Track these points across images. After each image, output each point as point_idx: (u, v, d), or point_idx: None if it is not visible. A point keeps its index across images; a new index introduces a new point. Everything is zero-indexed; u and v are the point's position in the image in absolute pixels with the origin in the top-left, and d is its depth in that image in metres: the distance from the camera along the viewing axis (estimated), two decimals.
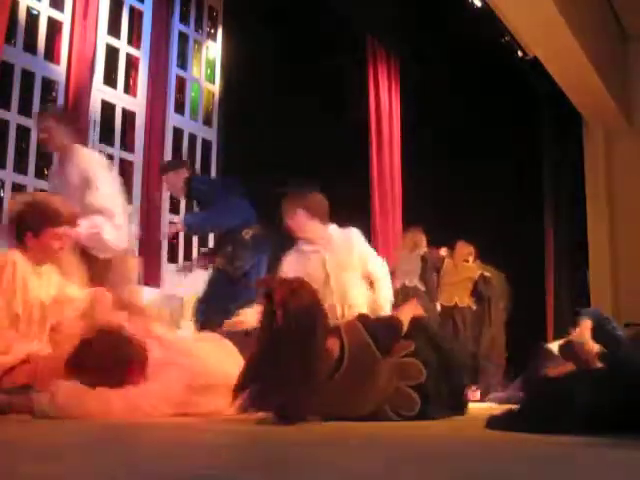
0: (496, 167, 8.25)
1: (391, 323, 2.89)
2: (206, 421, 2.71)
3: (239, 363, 2.86)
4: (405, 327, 2.79)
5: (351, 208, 8.07)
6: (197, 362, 2.91)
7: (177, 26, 6.21)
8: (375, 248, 6.99)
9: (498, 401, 4.30)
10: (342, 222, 4.31)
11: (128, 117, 5.75)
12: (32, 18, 5.13)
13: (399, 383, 2.64)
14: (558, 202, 8.16)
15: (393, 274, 5.91)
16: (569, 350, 3.44)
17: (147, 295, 4.74)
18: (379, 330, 2.70)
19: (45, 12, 5.18)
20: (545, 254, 8.19)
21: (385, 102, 7.38)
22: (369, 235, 7.15)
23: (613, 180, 7.82)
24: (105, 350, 2.73)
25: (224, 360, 3.02)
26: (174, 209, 6.04)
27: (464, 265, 6.48)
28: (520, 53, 6.53)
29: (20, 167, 4.92)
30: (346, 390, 2.56)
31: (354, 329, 2.67)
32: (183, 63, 6.31)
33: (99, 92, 5.48)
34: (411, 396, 2.63)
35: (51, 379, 2.71)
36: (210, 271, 4.51)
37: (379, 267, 3.96)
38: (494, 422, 2.30)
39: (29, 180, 4.96)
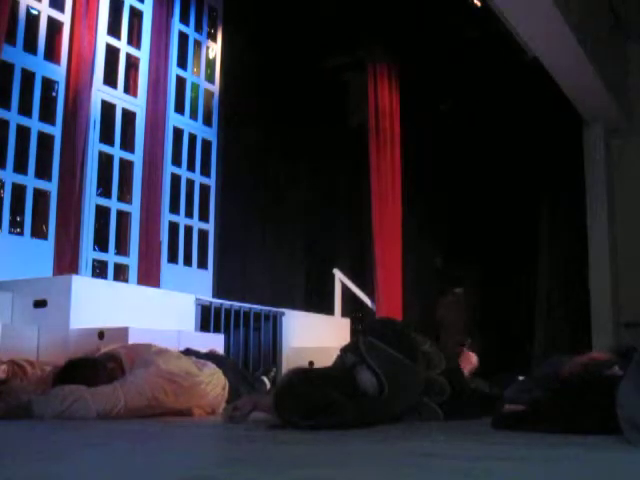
0: (495, 167, 8.26)
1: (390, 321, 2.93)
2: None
3: (213, 373, 3.15)
4: None
5: (351, 207, 8.11)
6: (171, 363, 2.99)
7: (177, 26, 6.20)
8: (375, 247, 7.07)
9: None
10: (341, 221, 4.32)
11: (128, 117, 5.74)
12: (32, 18, 5.12)
13: (424, 398, 2.68)
14: (557, 202, 8.16)
15: None
16: None
17: (147, 295, 4.73)
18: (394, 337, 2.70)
19: (45, 12, 5.17)
20: (544, 254, 8.19)
21: (385, 103, 7.37)
22: (370, 234, 7.17)
23: (613, 180, 7.82)
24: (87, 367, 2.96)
25: (201, 367, 3.12)
26: (174, 209, 6.03)
27: None
28: (520, 53, 6.51)
29: (20, 167, 4.91)
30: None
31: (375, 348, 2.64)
32: (183, 63, 6.29)
33: (99, 92, 5.48)
34: (436, 411, 2.68)
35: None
36: None
37: None
38: (499, 422, 2.30)
39: (29, 180, 4.95)
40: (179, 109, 6.18)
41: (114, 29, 5.68)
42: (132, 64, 5.85)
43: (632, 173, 7.70)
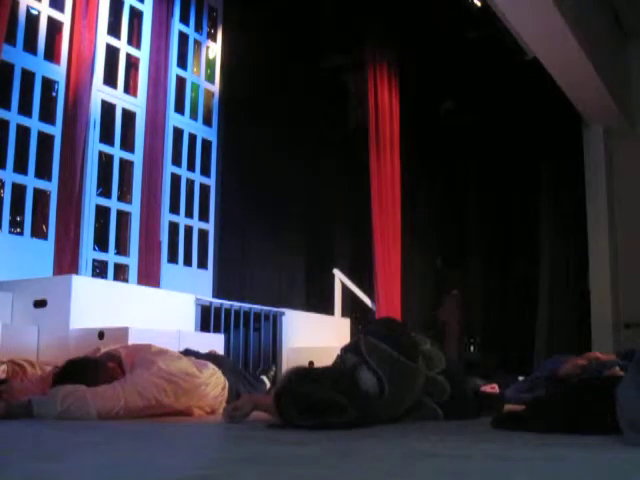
0: (495, 167, 8.26)
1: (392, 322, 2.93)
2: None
3: (213, 374, 3.14)
4: None
5: (351, 207, 8.11)
6: (171, 364, 2.98)
7: (177, 26, 6.20)
8: (375, 247, 7.07)
9: None
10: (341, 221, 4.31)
11: (128, 117, 5.74)
12: (32, 18, 5.12)
13: (424, 397, 2.69)
14: (558, 202, 8.16)
15: None
16: None
17: (147, 295, 4.73)
18: (394, 338, 2.70)
19: (45, 12, 5.17)
20: (544, 255, 8.19)
21: (385, 103, 7.36)
22: (370, 234, 7.17)
23: (613, 180, 7.82)
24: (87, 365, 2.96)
25: (201, 367, 3.13)
26: (174, 209, 6.03)
27: None
28: (520, 53, 6.52)
29: (20, 167, 4.90)
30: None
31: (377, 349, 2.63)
32: (183, 63, 6.29)
33: (99, 92, 5.47)
34: (436, 411, 2.69)
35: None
36: None
37: None
38: (499, 422, 2.30)
39: (29, 180, 4.95)
40: (179, 109, 6.18)
41: (114, 29, 5.68)
42: (132, 64, 5.85)
43: (632, 173, 7.70)
